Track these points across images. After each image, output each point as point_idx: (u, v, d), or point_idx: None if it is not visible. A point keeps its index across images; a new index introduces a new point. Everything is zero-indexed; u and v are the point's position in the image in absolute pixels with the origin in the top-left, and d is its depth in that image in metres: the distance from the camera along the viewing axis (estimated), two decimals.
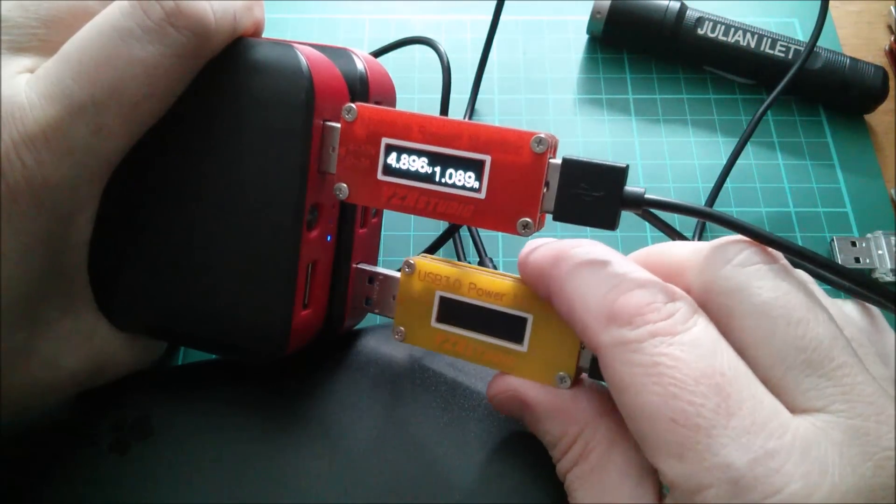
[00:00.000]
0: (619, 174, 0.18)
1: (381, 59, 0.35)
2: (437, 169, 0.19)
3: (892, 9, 0.39)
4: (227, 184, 0.20)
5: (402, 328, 0.21)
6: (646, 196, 0.18)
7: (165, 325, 0.21)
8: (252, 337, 0.20)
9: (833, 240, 0.32)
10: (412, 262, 0.21)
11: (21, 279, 0.18)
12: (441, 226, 0.32)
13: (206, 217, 0.20)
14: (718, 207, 0.33)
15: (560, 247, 0.19)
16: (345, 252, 0.22)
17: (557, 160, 0.19)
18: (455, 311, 0.21)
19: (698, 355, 0.16)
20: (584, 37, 0.39)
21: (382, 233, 0.32)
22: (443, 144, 0.19)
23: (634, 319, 0.16)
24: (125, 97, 0.18)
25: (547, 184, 0.19)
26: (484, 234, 0.32)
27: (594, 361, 0.19)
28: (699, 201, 0.34)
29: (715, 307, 0.17)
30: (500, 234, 0.33)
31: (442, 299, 0.21)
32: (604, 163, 0.18)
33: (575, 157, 0.18)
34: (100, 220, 0.20)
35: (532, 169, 0.18)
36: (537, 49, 0.39)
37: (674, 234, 0.27)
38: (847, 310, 0.20)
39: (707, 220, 0.18)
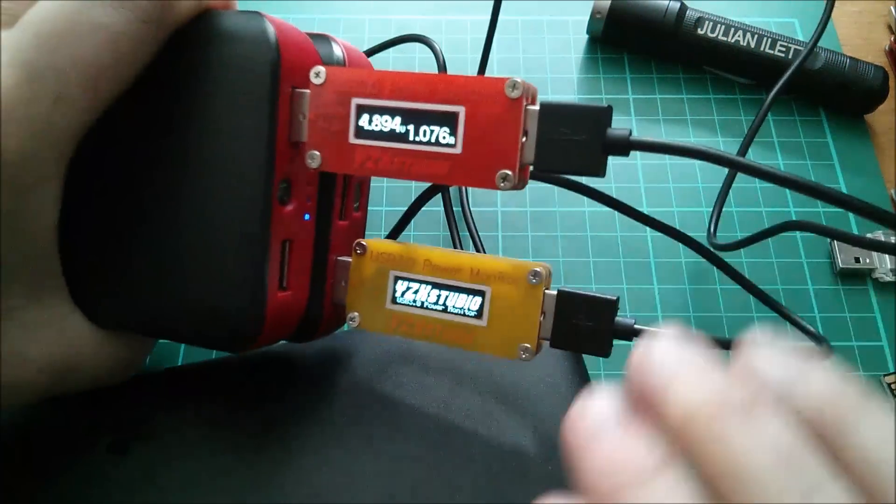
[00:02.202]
0: (602, 115, 0.17)
1: (381, 58, 0.35)
2: (411, 127, 0.18)
3: (892, 9, 0.39)
4: (195, 159, 0.19)
5: (355, 313, 0.21)
6: (632, 138, 0.17)
7: (140, 313, 0.20)
8: (226, 316, 0.19)
9: (833, 240, 0.32)
10: (363, 243, 0.21)
11: None
12: (441, 225, 0.33)
13: (174, 196, 0.19)
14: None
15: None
16: (324, 241, 0.21)
17: (535, 107, 0.18)
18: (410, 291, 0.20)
19: None
20: (584, 37, 0.39)
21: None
22: (414, 99, 0.18)
23: None
24: (88, 65, 0.17)
25: (526, 133, 0.18)
26: (479, 213, 0.32)
27: (556, 330, 0.19)
28: (699, 201, 0.34)
29: None
30: (498, 210, 0.33)
31: (396, 279, 0.20)
32: (586, 104, 0.17)
33: (553, 101, 0.18)
34: (67, 202, 0.19)
35: (508, 116, 0.18)
36: (537, 49, 0.39)
37: (675, 234, 0.27)
38: (813, 392, 0.14)
39: (696, 157, 0.17)
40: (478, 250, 0.30)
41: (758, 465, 0.13)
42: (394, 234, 0.27)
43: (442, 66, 0.31)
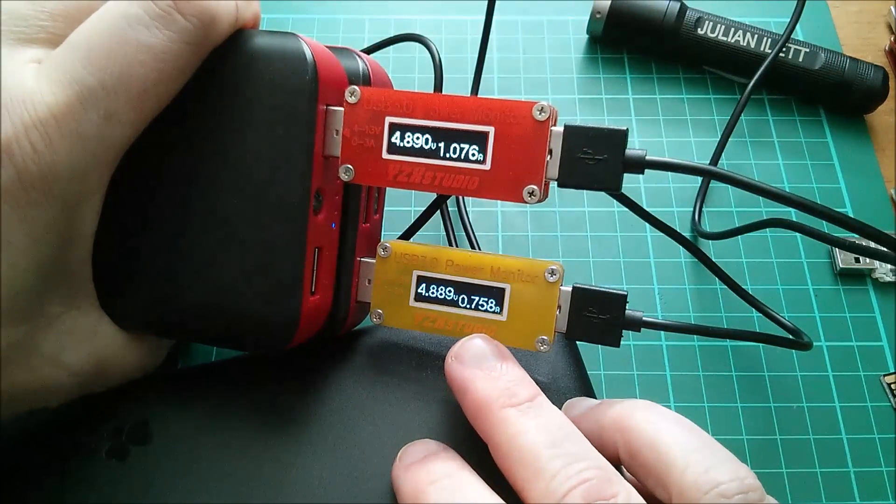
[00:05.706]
0: (621, 137, 0.19)
1: (379, 58, 0.35)
2: (442, 144, 0.20)
3: (892, 9, 0.39)
4: (232, 170, 0.20)
5: (380, 311, 0.22)
6: (647, 157, 0.19)
7: (171, 319, 0.21)
8: (262, 321, 0.20)
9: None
10: (388, 245, 0.22)
11: (26, 269, 0.18)
12: (440, 225, 0.33)
13: (211, 205, 0.20)
14: (717, 207, 0.33)
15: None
16: (350, 245, 0.22)
17: (559, 128, 0.19)
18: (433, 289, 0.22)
19: None
20: (584, 37, 0.39)
21: None
22: (446, 119, 0.20)
23: None
24: (135, 83, 0.18)
25: (550, 151, 0.19)
26: (479, 212, 0.32)
27: (570, 323, 0.21)
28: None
29: None
30: (498, 210, 0.33)
31: (419, 278, 0.22)
32: (605, 126, 0.19)
33: (576, 123, 0.19)
34: (103, 212, 0.20)
35: (535, 137, 0.19)
36: (537, 49, 0.39)
37: (670, 233, 0.27)
38: None
39: (708, 177, 0.19)
40: (470, 240, 0.30)
41: (532, 441, 0.17)
42: (407, 236, 0.27)
43: (438, 66, 0.31)
